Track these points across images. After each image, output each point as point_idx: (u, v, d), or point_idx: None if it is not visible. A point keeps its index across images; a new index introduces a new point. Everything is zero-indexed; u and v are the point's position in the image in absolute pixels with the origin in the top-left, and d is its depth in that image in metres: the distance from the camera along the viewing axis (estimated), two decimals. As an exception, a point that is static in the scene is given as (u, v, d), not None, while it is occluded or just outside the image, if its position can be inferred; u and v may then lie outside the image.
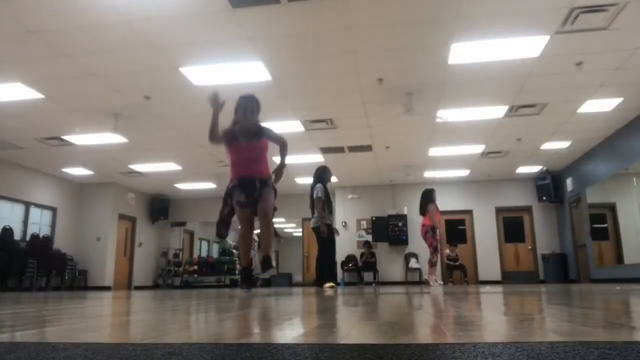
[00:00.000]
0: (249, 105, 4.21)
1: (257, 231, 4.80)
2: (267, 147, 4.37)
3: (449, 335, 0.99)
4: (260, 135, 4.29)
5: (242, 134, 4.23)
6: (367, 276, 12.20)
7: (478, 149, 9.59)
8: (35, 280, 9.92)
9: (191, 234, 16.61)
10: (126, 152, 9.45)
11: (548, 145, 9.46)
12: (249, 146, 4.25)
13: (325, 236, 6.49)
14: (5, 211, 10.04)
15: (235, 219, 4.33)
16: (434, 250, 8.15)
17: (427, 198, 8.26)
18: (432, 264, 8.30)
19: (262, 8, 4.63)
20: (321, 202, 6.53)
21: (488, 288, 5.73)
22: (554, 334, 0.94)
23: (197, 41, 5.25)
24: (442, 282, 8.43)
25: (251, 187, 4.16)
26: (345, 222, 12.76)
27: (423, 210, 8.33)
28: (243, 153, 4.25)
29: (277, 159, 4.69)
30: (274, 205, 4.29)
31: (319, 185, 6.65)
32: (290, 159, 10.46)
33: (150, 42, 5.25)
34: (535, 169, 11.50)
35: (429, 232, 8.16)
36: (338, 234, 6.99)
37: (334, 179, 12.09)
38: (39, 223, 11.00)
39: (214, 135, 4.13)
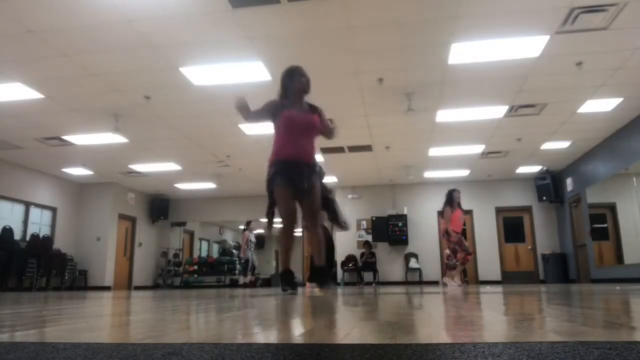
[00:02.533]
0: (303, 73, 3.71)
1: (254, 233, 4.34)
2: (319, 127, 3.70)
3: (449, 335, 0.99)
4: (315, 110, 3.72)
5: (295, 103, 3.64)
6: (367, 276, 12.21)
7: (478, 149, 9.59)
8: (35, 280, 9.92)
9: (191, 234, 16.61)
10: (126, 152, 9.45)
11: (548, 145, 9.46)
12: (304, 117, 3.60)
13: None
14: (5, 211, 10.04)
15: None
16: (452, 253, 7.85)
17: (446, 199, 7.96)
18: (449, 267, 8.02)
19: (262, 8, 4.63)
20: None
21: (488, 288, 5.73)
22: (554, 334, 0.94)
23: (197, 41, 5.25)
24: (445, 283, 8.37)
25: (299, 174, 3.51)
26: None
27: (442, 212, 8.11)
28: (295, 125, 3.56)
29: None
30: (330, 189, 3.66)
31: None
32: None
33: (150, 42, 5.26)
34: (535, 169, 11.50)
35: (444, 236, 7.98)
36: (348, 228, 6.89)
37: (334, 179, 12.11)
38: (39, 223, 11.00)
39: (249, 116, 3.63)
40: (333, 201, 4.24)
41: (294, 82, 3.68)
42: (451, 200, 7.88)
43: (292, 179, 3.49)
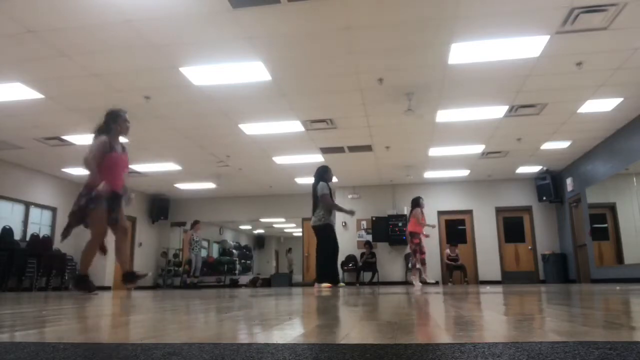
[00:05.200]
0: (127, 119, 4.57)
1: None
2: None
3: (449, 335, 0.99)
4: (125, 151, 4.66)
5: (118, 144, 4.50)
6: (368, 276, 12.22)
7: (478, 149, 9.59)
8: (35, 280, 9.92)
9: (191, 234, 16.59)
10: (126, 152, 9.44)
11: (548, 145, 9.46)
12: (123, 158, 4.54)
13: (325, 234, 6.53)
14: (5, 211, 10.03)
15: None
16: (413, 253, 8.44)
17: (416, 204, 8.64)
18: (414, 266, 8.53)
19: (262, 8, 4.63)
20: (327, 197, 6.57)
21: (488, 288, 5.73)
22: (554, 334, 0.94)
23: (197, 41, 5.25)
24: (432, 281, 8.65)
25: (118, 200, 4.47)
26: (345, 222, 12.76)
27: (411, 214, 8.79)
28: (119, 163, 4.47)
29: (277, 159, 4.78)
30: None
31: (322, 183, 6.69)
32: (290, 159, 10.47)
33: (150, 42, 5.25)
34: (535, 169, 11.50)
35: (408, 237, 8.52)
36: (353, 214, 7.16)
37: (334, 179, 12.11)
38: (39, 223, 11.00)
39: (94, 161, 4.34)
40: None
41: (118, 125, 4.47)
42: (419, 204, 8.51)
43: (113, 202, 4.42)
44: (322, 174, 6.86)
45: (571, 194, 11.05)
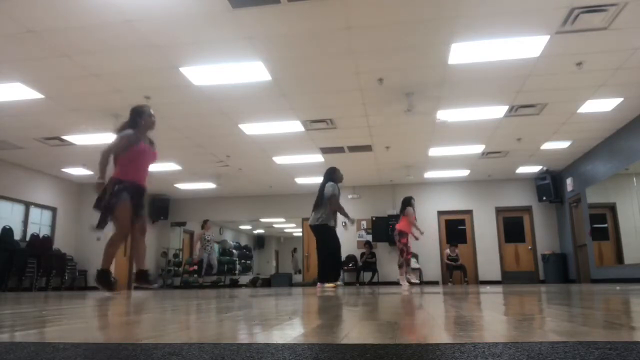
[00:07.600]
0: (151, 113, 4.52)
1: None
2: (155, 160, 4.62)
3: (449, 335, 0.99)
4: (153, 145, 4.56)
5: (143, 136, 4.42)
6: (368, 277, 12.22)
7: (478, 149, 9.59)
8: (35, 280, 9.92)
9: (191, 234, 16.60)
10: (126, 152, 9.44)
11: (548, 145, 9.46)
12: (148, 152, 4.45)
13: (331, 233, 6.53)
14: (5, 211, 10.03)
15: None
16: (400, 252, 8.40)
17: (407, 203, 8.61)
18: (401, 265, 8.50)
19: (262, 8, 4.63)
20: (336, 199, 6.56)
21: (488, 288, 5.73)
22: (554, 334, 0.94)
23: (197, 41, 5.25)
24: (416, 282, 8.62)
25: (139, 195, 4.36)
26: (345, 223, 12.74)
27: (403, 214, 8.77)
28: (145, 156, 4.42)
29: (277, 159, 4.69)
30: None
31: (331, 184, 6.62)
32: (290, 159, 10.47)
33: (150, 42, 5.26)
34: (535, 169, 11.50)
35: (396, 236, 8.45)
36: (353, 223, 7.16)
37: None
38: (39, 223, 11.00)
39: (104, 162, 4.24)
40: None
41: (143, 119, 4.42)
42: (411, 205, 8.52)
43: (135, 196, 4.29)
44: (331, 174, 6.81)
45: (571, 194, 11.05)
